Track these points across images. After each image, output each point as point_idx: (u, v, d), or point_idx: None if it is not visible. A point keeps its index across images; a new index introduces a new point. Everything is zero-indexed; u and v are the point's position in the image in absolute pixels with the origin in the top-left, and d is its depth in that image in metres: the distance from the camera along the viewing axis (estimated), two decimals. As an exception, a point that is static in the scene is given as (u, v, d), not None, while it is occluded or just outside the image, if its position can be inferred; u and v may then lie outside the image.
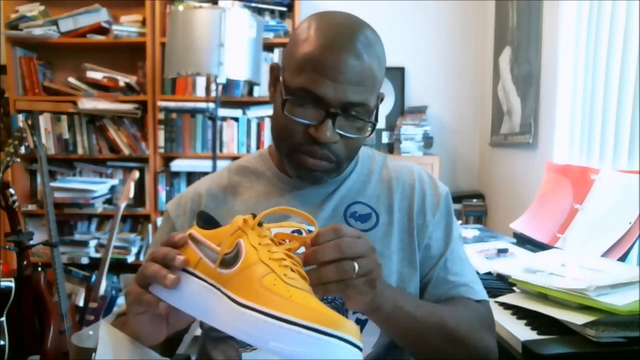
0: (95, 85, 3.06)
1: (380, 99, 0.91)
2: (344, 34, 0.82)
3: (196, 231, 0.68)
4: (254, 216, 0.67)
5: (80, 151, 3.05)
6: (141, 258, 3.01)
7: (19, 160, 2.23)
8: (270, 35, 2.94)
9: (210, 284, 0.63)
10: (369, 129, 0.87)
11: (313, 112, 0.83)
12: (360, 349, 0.55)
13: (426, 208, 0.94)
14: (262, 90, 2.98)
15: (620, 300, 1.05)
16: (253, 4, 2.97)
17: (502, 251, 1.66)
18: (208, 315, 0.63)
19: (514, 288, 1.30)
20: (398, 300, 0.78)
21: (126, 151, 3.03)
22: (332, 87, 0.80)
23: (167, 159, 3.05)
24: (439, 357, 0.84)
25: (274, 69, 0.93)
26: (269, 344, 0.56)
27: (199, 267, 0.65)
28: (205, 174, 1.06)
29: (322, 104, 0.82)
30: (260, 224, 0.66)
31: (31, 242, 2.24)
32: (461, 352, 0.84)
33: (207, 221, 0.73)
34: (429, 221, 0.93)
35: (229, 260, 0.63)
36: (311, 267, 0.67)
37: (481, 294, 0.94)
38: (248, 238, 0.64)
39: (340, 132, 0.83)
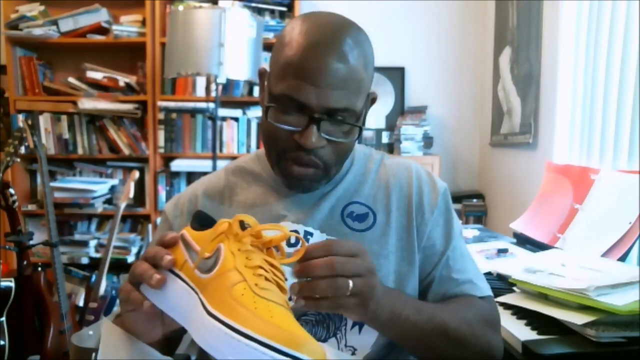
0: (95, 85, 3.05)
1: (372, 99, 0.89)
2: (326, 36, 0.79)
3: (188, 232, 0.67)
4: (242, 224, 0.64)
5: (80, 151, 3.05)
6: (141, 258, 3.01)
7: (19, 160, 2.23)
8: (270, 35, 2.93)
9: (192, 288, 0.62)
10: (357, 132, 0.84)
11: (297, 118, 0.80)
12: None
13: (424, 206, 0.92)
14: (262, 90, 2.98)
15: (620, 300, 1.04)
16: (253, 4, 2.97)
17: (502, 251, 1.65)
18: (185, 319, 0.62)
19: (514, 288, 1.30)
20: (396, 307, 0.77)
21: (126, 151, 3.03)
22: (314, 92, 0.77)
23: (167, 159, 3.05)
24: (441, 358, 0.84)
25: (263, 74, 0.91)
26: (226, 358, 0.55)
27: (184, 269, 0.64)
28: (205, 174, 1.05)
29: (305, 109, 0.79)
30: (243, 228, 0.64)
31: (31, 242, 2.24)
32: (464, 353, 0.84)
33: (204, 222, 0.71)
34: (427, 219, 0.92)
35: (210, 265, 0.62)
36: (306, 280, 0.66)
37: (485, 290, 0.93)
38: (229, 243, 0.62)
39: (327, 136, 0.81)
